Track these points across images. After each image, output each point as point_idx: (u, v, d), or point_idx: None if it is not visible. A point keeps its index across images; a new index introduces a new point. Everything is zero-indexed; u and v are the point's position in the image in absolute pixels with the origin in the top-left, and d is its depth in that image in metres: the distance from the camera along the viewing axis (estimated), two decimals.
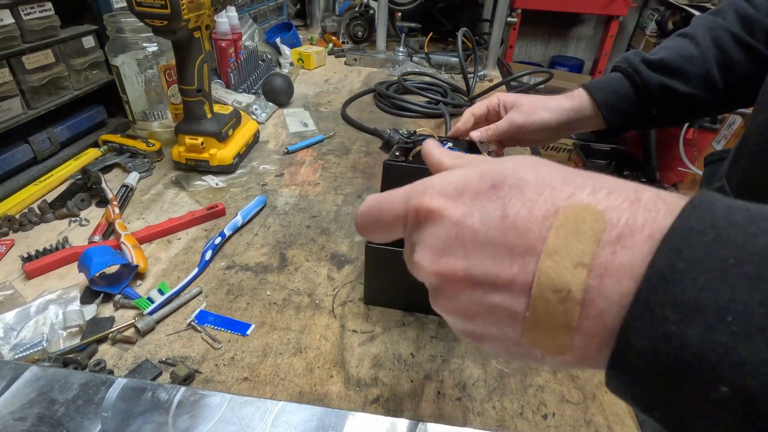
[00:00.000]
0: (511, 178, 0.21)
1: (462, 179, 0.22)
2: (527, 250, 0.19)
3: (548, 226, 0.19)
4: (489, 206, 0.21)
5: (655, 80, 0.59)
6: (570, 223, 0.18)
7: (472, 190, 0.21)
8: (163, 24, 0.55)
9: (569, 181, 0.20)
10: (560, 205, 0.19)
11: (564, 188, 0.19)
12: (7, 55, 0.58)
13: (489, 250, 0.20)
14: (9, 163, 0.62)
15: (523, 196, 0.20)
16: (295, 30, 1.32)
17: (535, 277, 0.19)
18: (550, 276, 0.18)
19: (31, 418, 0.31)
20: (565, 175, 0.20)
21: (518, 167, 0.21)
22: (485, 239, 0.20)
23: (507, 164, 0.22)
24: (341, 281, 0.52)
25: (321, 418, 0.33)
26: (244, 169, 0.73)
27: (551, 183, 0.20)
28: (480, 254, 0.20)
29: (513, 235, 0.19)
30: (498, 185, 0.21)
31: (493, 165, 0.22)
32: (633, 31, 3.02)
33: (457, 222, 0.21)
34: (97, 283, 0.47)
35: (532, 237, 0.19)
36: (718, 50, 0.56)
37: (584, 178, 0.20)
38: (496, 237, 0.20)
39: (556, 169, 0.21)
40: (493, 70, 1.29)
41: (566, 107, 0.64)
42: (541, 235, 0.19)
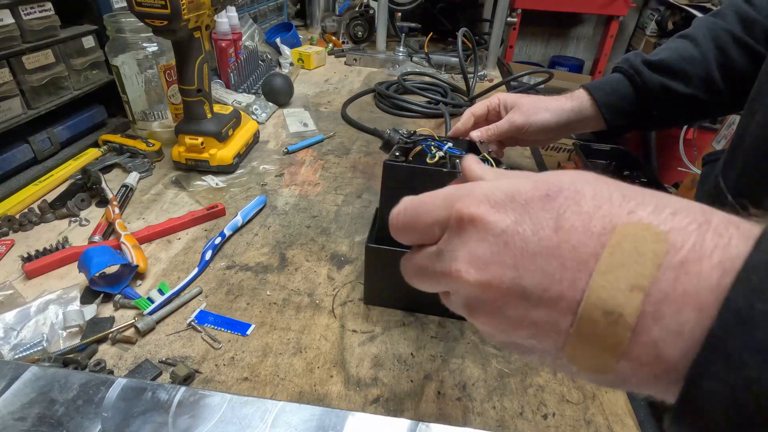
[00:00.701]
0: (567, 189, 0.20)
1: (513, 186, 0.21)
2: (579, 265, 0.18)
3: (604, 243, 0.17)
4: (542, 215, 0.19)
5: (655, 81, 0.59)
6: (628, 242, 0.17)
7: (524, 197, 0.20)
8: (163, 24, 0.55)
9: (629, 198, 0.18)
10: (618, 222, 0.18)
11: (624, 204, 0.18)
12: (7, 55, 0.58)
13: (540, 261, 0.19)
14: (9, 163, 0.62)
15: (580, 208, 0.19)
16: (295, 30, 1.32)
17: (584, 296, 0.17)
18: (602, 297, 0.17)
19: (31, 418, 0.31)
20: (625, 192, 0.19)
21: (576, 179, 0.20)
22: (536, 250, 0.19)
23: (563, 176, 0.21)
24: (341, 281, 0.52)
25: (321, 418, 0.33)
26: (244, 169, 0.73)
27: (610, 198, 0.19)
28: (530, 265, 0.19)
29: (566, 249, 0.18)
30: (552, 195, 0.20)
31: (548, 175, 0.21)
32: (633, 31, 3.02)
33: (506, 230, 0.20)
34: (97, 283, 0.47)
35: (586, 252, 0.18)
36: (719, 51, 0.56)
37: (646, 195, 0.19)
38: (548, 248, 0.19)
39: (615, 184, 0.20)
40: (493, 70, 1.29)
41: (567, 108, 0.64)
42: (595, 251, 0.18)
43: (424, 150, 0.45)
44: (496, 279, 0.20)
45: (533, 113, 0.64)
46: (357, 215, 0.63)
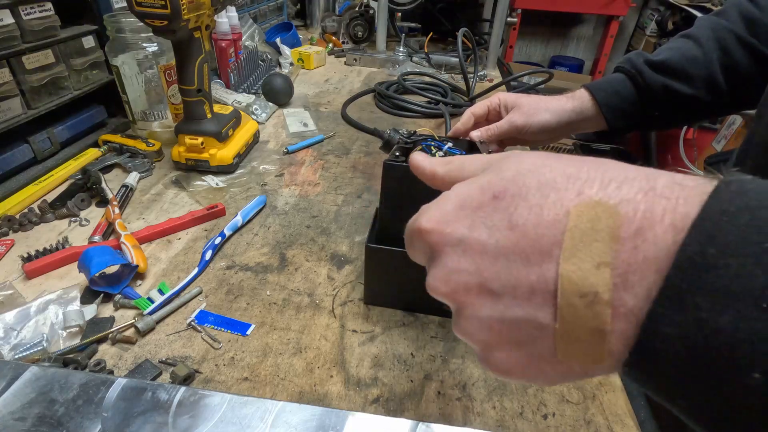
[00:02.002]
0: (512, 187, 0.20)
1: (460, 196, 0.21)
2: (543, 255, 0.18)
3: (562, 229, 0.18)
4: (494, 217, 0.20)
5: (657, 82, 0.58)
6: (584, 223, 0.17)
7: (473, 204, 0.21)
8: (163, 24, 0.55)
9: (574, 178, 0.19)
10: (570, 206, 0.18)
11: (569, 187, 0.19)
12: (7, 55, 0.58)
13: (502, 260, 0.19)
14: (9, 163, 0.62)
15: (528, 202, 0.19)
16: (295, 30, 1.32)
17: (558, 284, 0.18)
18: (573, 280, 0.17)
19: (31, 418, 0.31)
20: (568, 171, 0.19)
21: (518, 174, 0.20)
22: (495, 250, 0.19)
23: (505, 173, 0.21)
24: (341, 281, 0.52)
25: (321, 418, 0.33)
26: (244, 169, 0.73)
27: (554, 184, 0.19)
28: (493, 266, 0.19)
29: (525, 243, 0.19)
30: (499, 195, 0.20)
31: (491, 176, 0.21)
32: (633, 31, 3.02)
33: (462, 239, 0.20)
34: (97, 283, 0.47)
35: (546, 242, 0.18)
36: (722, 52, 0.56)
37: (590, 170, 0.19)
38: (506, 247, 0.19)
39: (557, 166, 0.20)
40: (493, 70, 1.29)
41: (567, 108, 0.64)
42: (555, 238, 0.18)
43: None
44: (461, 286, 0.20)
45: (533, 113, 0.64)
46: (357, 215, 0.63)
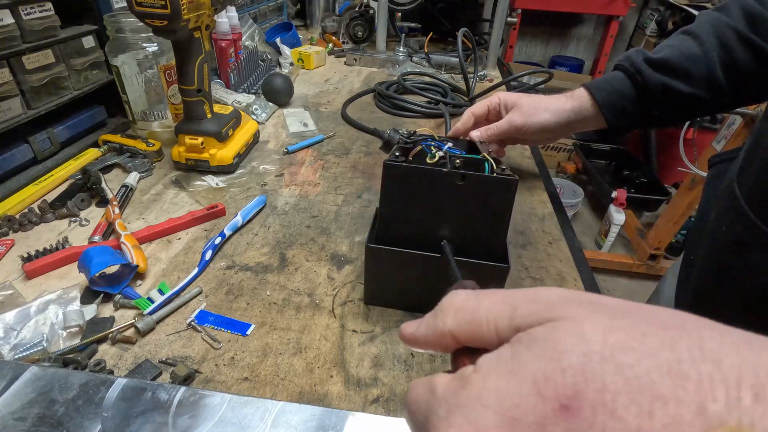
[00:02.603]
0: (588, 390, 0.13)
1: (506, 400, 0.14)
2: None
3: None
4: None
5: (657, 80, 0.58)
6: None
7: (530, 419, 0.13)
8: (163, 24, 0.55)
9: (678, 374, 0.12)
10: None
11: (681, 395, 0.12)
12: (7, 55, 0.58)
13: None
14: (9, 163, 0.62)
15: (621, 422, 0.12)
16: (295, 30, 1.32)
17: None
18: None
19: (31, 418, 0.31)
20: (665, 359, 0.13)
21: (589, 362, 0.13)
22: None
23: (568, 359, 0.14)
24: (341, 281, 0.52)
25: (321, 418, 0.33)
26: (244, 169, 0.73)
27: (654, 388, 0.12)
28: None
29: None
30: (570, 406, 0.13)
31: (546, 364, 0.14)
32: (633, 31, 3.02)
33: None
34: (97, 283, 0.47)
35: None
36: (723, 49, 0.55)
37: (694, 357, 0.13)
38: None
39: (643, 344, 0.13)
40: (493, 70, 1.29)
41: (567, 108, 0.64)
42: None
43: (424, 150, 0.45)
44: None
45: (533, 113, 0.64)
46: (357, 215, 0.63)
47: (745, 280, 0.41)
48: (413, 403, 0.18)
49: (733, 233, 0.42)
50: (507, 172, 0.42)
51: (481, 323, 0.17)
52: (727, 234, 0.43)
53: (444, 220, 0.44)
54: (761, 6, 0.53)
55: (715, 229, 0.46)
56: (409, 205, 0.44)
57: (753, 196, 0.40)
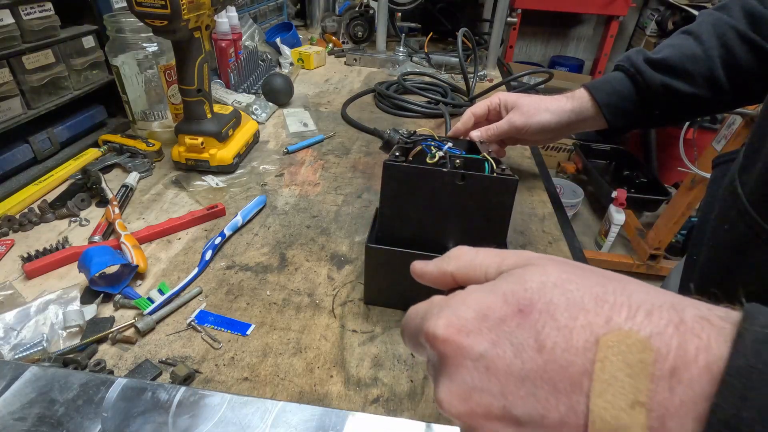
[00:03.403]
0: (539, 302, 0.19)
1: (482, 303, 0.20)
2: (573, 385, 0.17)
3: (591, 359, 0.17)
4: (520, 335, 0.18)
5: (657, 80, 0.58)
6: (615, 355, 0.17)
7: (496, 315, 0.19)
8: (163, 24, 0.55)
9: (601, 300, 0.18)
10: (599, 333, 0.17)
11: (599, 311, 0.18)
12: (7, 55, 0.58)
13: (528, 386, 0.18)
14: (9, 163, 0.62)
15: (557, 322, 0.18)
16: (295, 30, 1.32)
17: (588, 421, 0.17)
18: (606, 419, 0.16)
19: (31, 418, 0.31)
20: (595, 291, 0.18)
21: (544, 287, 0.19)
22: (522, 373, 0.18)
23: (530, 283, 0.19)
24: (341, 281, 0.52)
25: (321, 418, 0.33)
26: (244, 169, 0.73)
27: (584, 305, 0.18)
28: (518, 390, 0.18)
29: (554, 368, 0.17)
30: (525, 310, 0.19)
31: (514, 285, 0.20)
32: (633, 31, 3.02)
33: (484, 354, 0.19)
34: (97, 283, 0.47)
35: (575, 370, 0.17)
36: (724, 49, 0.55)
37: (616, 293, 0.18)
38: (533, 371, 0.18)
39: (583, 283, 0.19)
40: (493, 70, 1.29)
41: (567, 108, 0.64)
42: (584, 368, 0.17)
43: (424, 150, 0.45)
44: (481, 408, 0.19)
45: (533, 114, 0.64)
46: (357, 215, 0.63)
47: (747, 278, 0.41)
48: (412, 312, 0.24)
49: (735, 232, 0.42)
50: (507, 172, 0.42)
51: (476, 268, 0.23)
52: (729, 233, 0.43)
53: (444, 220, 0.44)
54: (762, 5, 0.53)
55: (717, 229, 0.46)
56: (409, 205, 0.44)
57: (755, 194, 0.40)
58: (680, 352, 0.16)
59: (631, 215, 2.23)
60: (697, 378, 0.15)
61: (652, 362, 0.16)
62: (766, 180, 0.38)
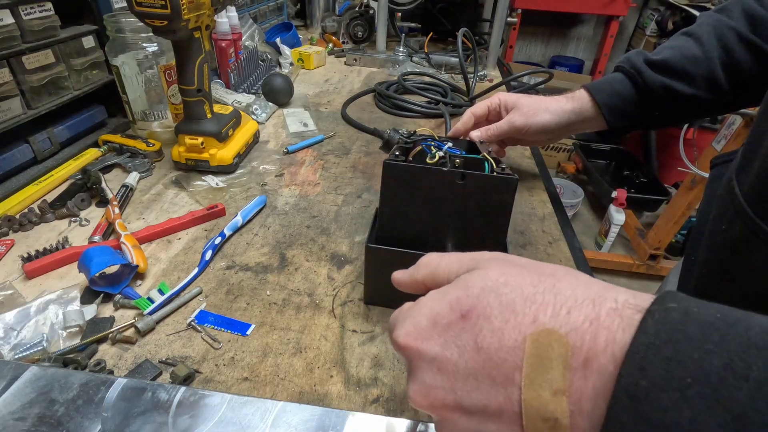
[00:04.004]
0: (478, 306, 0.22)
1: (432, 312, 0.23)
2: (507, 380, 0.20)
3: (521, 355, 0.20)
4: (463, 338, 0.21)
5: (657, 81, 0.58)
6: (539, 351, 0.19)
7: (443, 322, 0.22)
8: (163, 24, 0.55)
9: (530, 301, 0.21)
10: (527, 333, 0.20)
11: (527, 311, 0.20)
12: (7, 55, 0.58)
13: (472, 381, 0.21)
14: (9, 163, 0.62)
15: (492, 325, 0.21)
16: (295, 30, 1.32)
17: (522, 408, 0.19)
18: (534, 406, 0.19)
19: (31, 418, 0.31)
20: (526, 292, 0.21)
21: (482, 292, 0.22)
22: (466, 371, 0.21)
23: (472, 289, 0.22)
24: (341, 281, 0.52)
25: (321, 418, 0.33)
26: (244, 169, 0.73)
27: (514, 306, 0.21)
28: (465, 386, 0.21)
29: (491, 366, 0.20)
30: (466, 315, 0.22)
31: (459, 292, 0.23)
32: (633, 31, 3.02)
33: (435, 356, 0.22)
34: (97, 283, 0.47)
35: (508, 366, 0.20)
36: (723, 50, 0.55)
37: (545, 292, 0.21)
38: (475, 368, 0.21)
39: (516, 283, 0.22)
40: (493, 70, 1.29)
41: (567, 109, 0.64)
42: (515, 363, 0.20)
43: (424, 150, 0.45)
44: (438, 402, 0.22)
45: (533, 114, 0.64)
46: (357, 215, 0.63)
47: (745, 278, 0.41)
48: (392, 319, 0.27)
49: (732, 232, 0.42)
50: (507, 172, 0.42)
51: (440, 274, 0.26)
52: (726, 233, 0.43)
53: (444, 219, 0.44)
54: (762, 7, 0.53)
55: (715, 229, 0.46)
56: (409, 204, 0.44)
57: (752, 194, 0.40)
58: (592, 345, 0.18)
59: (631, 215, 2.23)
60: (605, 366, 0.18)
61: (569, 356, 0.19)
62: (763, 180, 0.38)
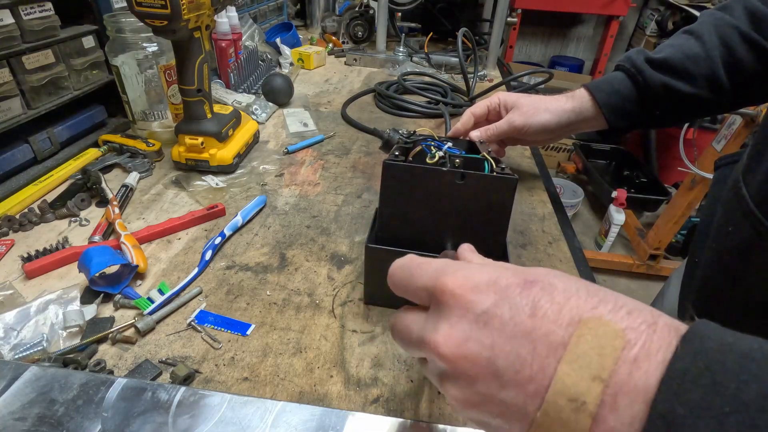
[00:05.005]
0: (542, 281, 0.22)
1: (494, 272, 0.23)
2: (549, 351, 0.20)
3: (571, 333, 0.19)
4: (519, 301, 0.21)
5: (658, 80, 0.57)
6: (592, 335, 0.19)
7: (504, 282, 0.22)
8: (163, 24, 0.55)
9: (593, 294, 0.21)
10: (584, 316, 0.20)
11: (588, 300, 0.20)
12: (7, 55, 0.58)
13: (515, 344, 0.20)
14: (9, 163, 0.62)
15: (552, 298, 0.21)
16: (295, 30, 1.32)
17: (551, 381, 0.19)
18: (567, 384, 0.19)
19: (31, 418, 0.31)
20: (590, 288, 0.21)
21: (549, 273, 0.22)
22: (512, 332, 0.21)
23: (539, 269, 0.23)
24: (341, 281, 0.52)
25: (321, 418, 0.33)
26: (244, 169, 0.73)
27: (577, 292, 0.21)
28: (506, 346, 0.21)
29: (539, 334, 0.20)
30: (531, 283, 0.22)
31: (525, 268, 0.23)
32: (633, 31, 3.02)
33: (486, 311, 0.21)
34: (97, 283, 0.47)
35: (555, 340, 0.20)
36: (725, 49, 0.54)
37: (606, 293, 0.21)
38: (522, 332, 0.20)
39: (582, 281, 0.22)
40: (493, 70, 1.29)
41: (567, 109, 0.64)
42: (563, 340, 0.19)
43: (424, 150, 0.45)
44: (471, 355, 0.21)
45: (533, 114, 0.64)
46: (357, 215, 0.63)
47: (752, 281, 0.41)
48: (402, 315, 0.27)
49: (739, 234, 0.41)
50: (507, 172, 0.42)
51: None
52: (733, 235, 0.43)
53: (444, 219, 0.44)
54: (764, 5, 0.53)
55: (721, 231, 0.46)
56: (409, 204, 0.44)
57: (761, 195, 0.39)
58: (645, 346, 0.18)
59: (631, 215, 2.23)
60: (654, 370, 0.18)
61: (620, 348, 0.18)
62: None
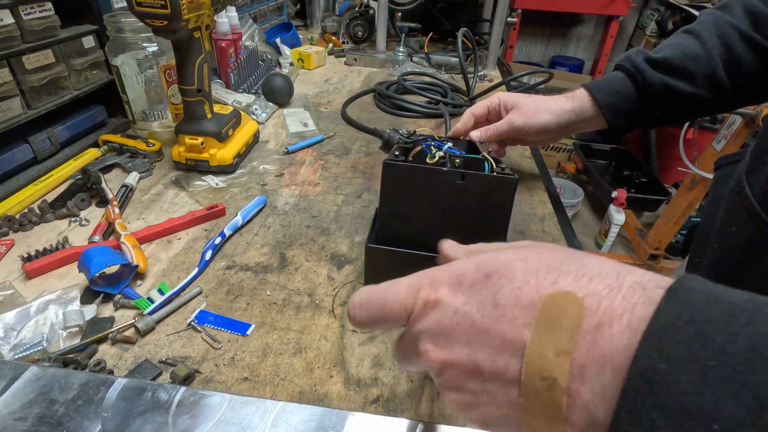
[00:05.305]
0: (503, 269, 0.22)
1: (460, 270, 0.23)
2: (517, 336, 0.20)
3: (534, 314, 0.19)
4: (483, 294, 0.22)
5: (657, 80, 0.57)
6: (552, 311, 0.19)
7: (469, 280, 0.22)
8: (163, 24, 0.55)
9: (554, 269, 0.21)
10: (543, 293, 0.20)
11: (548, 276, 0.20)
12: (7, 55, 0.58)
13: (486, 337, 0.21)
14: (9, 163, 0.62)
15: (512, 284, 0.21)
16: (295, 30, 1.32)
17: (522, 364, 0.19)
18: (536, 363, 0.19)
19: (31, 418, 0.31)
20: (552, 264, 0.21)
21: (510, 260, 0.22)
22: (482, 326, 0.21)
23: (502, 256, 0.23)
24: (341, 281, 0.52)
25: (321, 418, 0.33)
26: (244, 169, 0.73)
27: (537, 272, 0.21)
28: (479, 341, 0.21)
29: (504, 323, 0.20)
30: (491, 275, 0.22)
31: (488, 257, 0.23)
32: (633, 31, 3.02)
33: (457, 310, 0.22)
34: (97, 283, 0.47)
35: (519, 324, 0.20)
36: (725, 48, 0.54)
37: (571, 264, 0.21)
38: (490, 324, 0.21)
39: (545, 258, 0.22)
40: (493, 70, 1.29)
41: (567, 109, 0.64)
42: (527, 321, 0.20)
43: (423, 150, 0.45)
44: (455, 356, 0.22)
45: (533, 114, 0.64)
46: (357, 215, 0.63)
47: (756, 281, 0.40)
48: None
49: (743, 234, 0.41)
50: (507, 172, 0.42)
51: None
52: (736, 235, 0.43)
53: (444, 219, 0.44)
54: (764, 4, 0.53)
55: (724, 231, 0.45)
56: (409, 204, 0.44)
57: (766, 195, 0.39)
58: (608, 311, 0.18)
59: (631, 215, 2.23)
60: (618, 334, 0.17)
61: (581, 318, 0.18)
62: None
